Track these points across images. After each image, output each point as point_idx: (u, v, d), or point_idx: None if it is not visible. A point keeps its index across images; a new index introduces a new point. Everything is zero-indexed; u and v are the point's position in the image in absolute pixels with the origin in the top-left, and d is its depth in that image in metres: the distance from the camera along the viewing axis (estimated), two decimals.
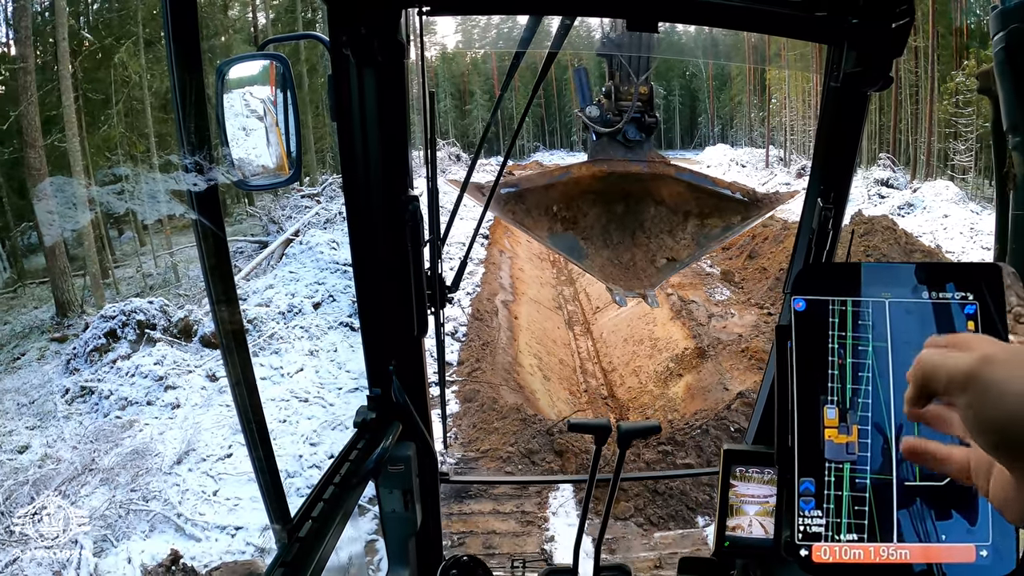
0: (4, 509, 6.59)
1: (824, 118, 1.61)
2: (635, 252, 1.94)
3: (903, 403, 0.61)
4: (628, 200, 2.02)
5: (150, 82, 17.09)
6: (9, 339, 14.32)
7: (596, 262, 1.95)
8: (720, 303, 11.06)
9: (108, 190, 1.36)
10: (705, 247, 2.13)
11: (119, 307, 9.76)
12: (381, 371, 1.66)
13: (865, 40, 1.41)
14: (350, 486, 1.40)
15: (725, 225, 2.05)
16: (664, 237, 2.02)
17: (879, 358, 1.01)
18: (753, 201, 2.05)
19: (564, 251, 1.97)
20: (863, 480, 0.99)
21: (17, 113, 12.94)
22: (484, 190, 1.83)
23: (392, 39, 1.39)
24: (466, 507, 5.36)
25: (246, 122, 1.27)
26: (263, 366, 8.56)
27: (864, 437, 1.00)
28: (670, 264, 2.01)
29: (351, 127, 1.46)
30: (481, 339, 9.14)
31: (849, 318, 1.03)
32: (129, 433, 7.58)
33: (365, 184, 1.50)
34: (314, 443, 6.32)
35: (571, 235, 1.93)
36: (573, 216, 1.93)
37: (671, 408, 8.09)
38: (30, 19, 13.71)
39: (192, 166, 0.88)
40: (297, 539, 1.18)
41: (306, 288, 10.72)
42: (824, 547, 1.00)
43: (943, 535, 0.98)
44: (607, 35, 2.15)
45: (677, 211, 2.01)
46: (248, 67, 1.32)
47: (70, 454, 7.58)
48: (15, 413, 9.71)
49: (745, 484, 1.70)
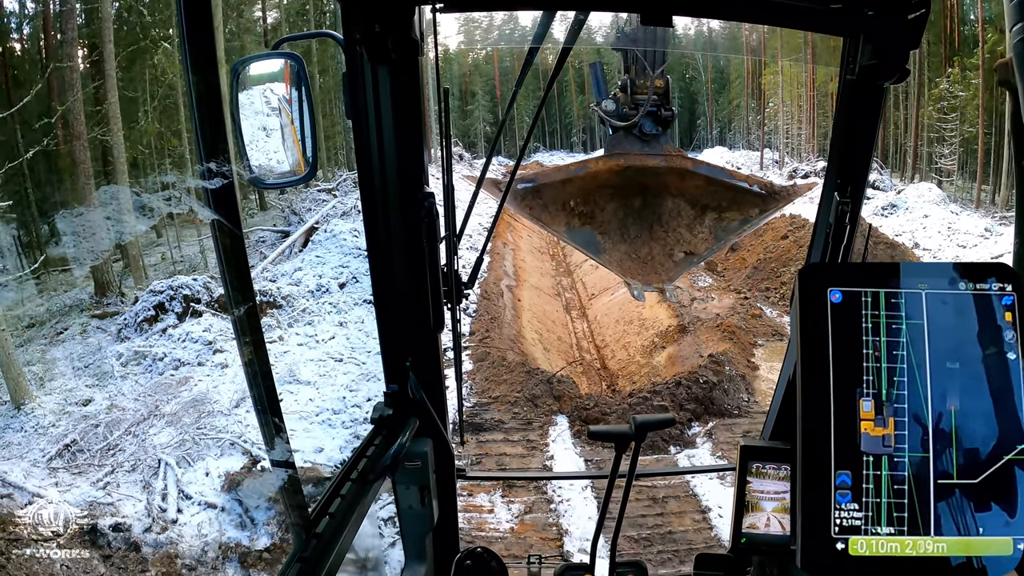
0: (83, 445, 7.84)
1: (840, 112, 1.58)
2: (652, 246, 1.94)
3: (940, 394, 0.60)
4: (645, 194, 1.99)
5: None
6: (50, 317, 15.51)
7: (614, 257, 1.95)
8: (702, 289, 12.29)
9: (148, 184, 1.74)
10: (724, 240, 2.10)
11: (167, 283, 10.96)
12: (398, 367, 1.66)
13: (881, 32, 1.39)
14: (367, 482, 1.42)
15: (743, 218, 2.04)
16: (682, 231, 2.00)
17: (916, 349, 1.01)
18: (771, 194, 2.03)
19: (582, 246, 1.97)
20: (901, 473, 0.98)
21: (64, 108, 14.14)
22: (500, 186, 1.83)
23: (406, 36, 1.40)
24: (482, 437, 6.59)
25: (262, 121, 1.29)
26: (299, 335, 9.79)
27: (901, 429, 0.99)
28: (688, 258, 2.00)
29: (366, 125, 1.47)
30: (489, 314, 10.37)
31: (883, 308, 1.02)
32: (186, 387, 8.78)
33: (381, 181, 1.51)
34: (353, 389, 7.55)
35: (588, 230, 1.91)
36: (590, 211, 1.92)
37: (655, 373, 9.30)
38: (75, 21, 14.95)
39: (208, 163, 0.89)
40: (315, 535, 1.19)
41: (332, 270, 11.93)
42: (861, 540, 0.98)
43: (981, 528, 0.97)
44: (622, 29, 2.14)
45: (695, 204, 1.97)
46: (263, 66, 1.34)
47: (133, 404, 8.79)
48: (72, 375, 10.88)
49: (761, 480, 1.68)
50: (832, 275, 1.04)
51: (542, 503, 5.58)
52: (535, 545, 5.09)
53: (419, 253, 1.56)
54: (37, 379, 10.40)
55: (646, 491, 5.61)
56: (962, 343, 1.03)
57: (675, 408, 6.99)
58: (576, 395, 7.15)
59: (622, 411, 6.95)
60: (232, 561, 5.04)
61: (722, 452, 6.29)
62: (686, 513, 5.45)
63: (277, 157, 1.28)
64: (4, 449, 7.81)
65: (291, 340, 9.51)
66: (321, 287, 11.23)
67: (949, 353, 1.01)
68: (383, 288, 1.62)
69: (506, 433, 6.60)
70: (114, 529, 5.33)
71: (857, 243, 1.62)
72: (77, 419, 8.71)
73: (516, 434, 6.58)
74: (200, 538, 5.28)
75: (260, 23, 28.09)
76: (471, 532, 5.27)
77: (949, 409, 1.01)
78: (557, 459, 6.20)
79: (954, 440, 1.01)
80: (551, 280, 16.20)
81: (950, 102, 26.84)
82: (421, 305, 1.62)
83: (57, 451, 7.53)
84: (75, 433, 8.08)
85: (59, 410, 9.14)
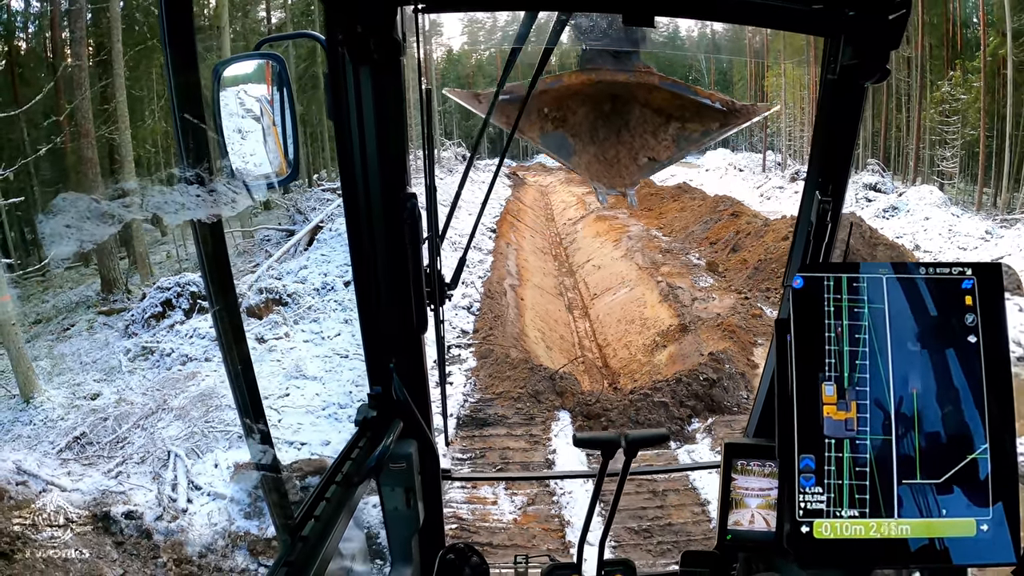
0: (92, 438, 7.98)
1: (822, 111, 1.60)
2: (619, 149, 2.03)
3: (903, 378, 0.61)
4: (615, 101, 2.06)
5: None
6: (56, 313, 15.67)
7: (583, 159, 2.05)
8: (703, 289, 12.39)
9: (150, 180, 1.78)
10: (684, 150, 2.21)
11: (174, 279, 11.10)
12: (382, 369, 1.66)
13: (862, 32, 1.40)
14: (352, 485, 1.41)
15: (704, 130, 2.14)
16: (647, 137, 2.08)
17: (878, 333, 1.02)
18: (731, 110, 2.12)
19: (554, 150, 2.05)
20: (864, 456, 0.99)
21: (73, 106, 14.31)
22: (483, 100, 1.90)
23: (388, 37, 1.40)
24: (485, 432, 6.70)
25: (242, 122, 1.27)
26: (304, 332, 9.91)
27: (863, 412, 1.01)
28: (650, 163, 2.08)
29: (348, 125, 1.46)
30: (493, 312, 10.49)
31: (845, 293, 1.03)
32: (193, 382, 8.91)
33: (363, 182, 1.51)
34: (359, 385, 7.67)
35: (561, 133, 2.00)
36: (563, 115, 2.01)
37: (656, 372, 9.41)
38: (84, 21, 15.13)
39: (189, 164, 0.89)
40: (300, 538, 1.18)
41: (337, 269, 12.06)
42: (825, 523, 1.00)
43: (944, 510, 0.98)
44: (604, 30, 2.17)
45: (660, 113, 2.07)
46: (244, 67, 1.32)
47: (142, 398, 8.92)
48: (80, 370, 11.03)
49: (746, 478, 1.70)
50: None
51: (545, 495, 5.68)
52: (538, 535, 5.20)
53: (402, 254, 1.56)
54: (45, 373, 10.54)
55: (646, 484, 5.72)
56: (924, 327, 1.05)
57: (675, 404, 7.10)
58: (578, 391, 7.27)
59: (623, 407, 7.06)
60: (241, 549, 5.16)
61: (721, 447, 6.39)
62: (685, 506, 5.56)
63: (258, 159, 1.26)
64: (15, 441, 7.95)
65: (297, 337, 9.63)
66: (326, 285, 11.35)
67: (911, 337, 1.02)
68: (366, 289, 1.61)
69: (509, 428, 6.71)
70: (126, 517, 5.45)
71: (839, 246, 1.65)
72: (86, 412, 8.85)
73: (519, 429, 6.69)
74: (210, 527, 5.40)
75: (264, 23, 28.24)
76: (474, 523, 5.39)
77: (911, 392, 1.03)
78: (560, 453, 6.31)
79: (916, 424, 1.02)
80: (554, 280, 16.31)
81: (952, 105, 26.90)
82: (404, 306, 1.62)
83: (67, 443, 7.67)
84: (84, 426, 8.21)
85: (68, 404, 9.28)
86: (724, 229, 16.28)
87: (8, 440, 8.01)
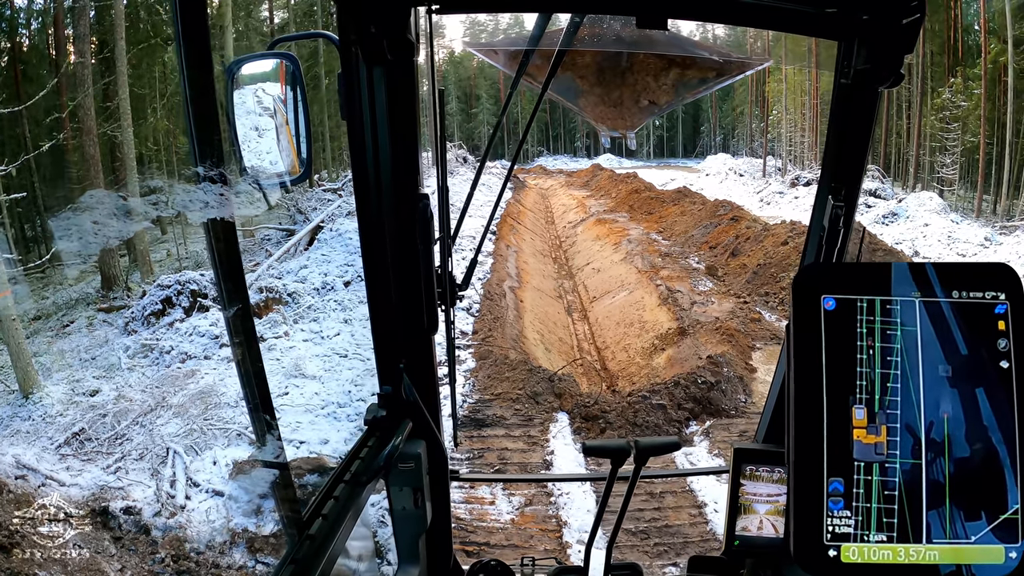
0: (91, 434, 7.99)
1: (835, 115, 1.59)
2: (623, 91, 2.07)
3: (934, 402, 0.60)
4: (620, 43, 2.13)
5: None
6: (56, 310, 15.69)
7: (589, 100, 2.09)
8: (703, 292, 12.42)
9: (154, 182, 1.75)
10: (682, 96, 2.23)
11: (174, 277, 11.12)
12: (392, 369, 1.66)
13: (875, 36, 1.40)
14: (360, 484, 1.42)
15: (701, 78, 2.16)
16: (648, 79, 2.10)
17: (909, 357, 1.00)
18: (727, 62, 2.15)
19: (562, 93, 2.08)
20: (893, 480, 0.97)
21: (75, 103, 14.34)
22: (499, 52, 1.95)
23: (402, 38, 1.40)
24: (484, 433, 6.72)
25: (256, 121, 1.27)
26: (304, 331, 9.93)
27: (893, 436, 0.98)
28: (650, 107, 2.14)
29: (361, 126, 1.47)
30: (492, 314, 10.51)
31: (877, 315, 1.01)
32: (192, 380, 8.92)
33: (376, 182, 1.52)
34: (358, 384, 7.69)
35: (569, 75, 2.02)
36: (571, 59, 2.04)
37: (654, 375, 9.43)
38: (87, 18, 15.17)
39: (203, 163, 0.88)
40: (308, 536, 1.19)
41: (337, 268, 12.08)
42: (853, 547, 0.98)
43: (972, 536, 0.97)
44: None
45: (661, 58, 2.12)
46: (258, 66, 1.32)
47: (141, 395, 8.93)
48: (79, 366, 11.04)
49: (754, 483, 1.68)
50: (826, 282, 1.04)
51: (542, 496, 5.70)
52: (535, 536, 5.22)
53: (413, 254, 1.56)
54: (45, 369, 10.55)
55: (644, 486, 5.74)
56: (956, 351, 1.04)
57: (673, 407, 7.12)
58: (577, 393, 7.29)
59: (621, 409, 7.08)
60: (239, 546, 5.17)
61: (719, 450, 6.41)
62: (683, 508, 5.58)
63: (271, 157, 1.27)
64: (14, 436, 7.96)
65: (297, 336, 9.65)
66: (327, 285, 11.38)
67: (942, 361, 1.01)
68: (377, 289, 1.61)
69: (507, 429, 6.73)
70: (125, 512, 5.47)
71: (852, 247, 1.65)
72: (85, 409, 8.86)
73: (517, 430, 6.71)
74: (208, 523, 5.41)
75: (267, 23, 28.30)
76: (472, 523, 5.40)
77: (942, 417, 1.01)
78: (557, 454, 6.33)
79: (946, 449, 1.01)
80: (553, 282, 16.33)
81: (952, 112, 27.00)
82: (415, 307, 1.61)
83: (65, 439, 7.67)
84: (83, 422, 8.22)
85: (67, 400, 9.29)
86: (724, 233, 16.31)
87: (7, 435, 8.02)
